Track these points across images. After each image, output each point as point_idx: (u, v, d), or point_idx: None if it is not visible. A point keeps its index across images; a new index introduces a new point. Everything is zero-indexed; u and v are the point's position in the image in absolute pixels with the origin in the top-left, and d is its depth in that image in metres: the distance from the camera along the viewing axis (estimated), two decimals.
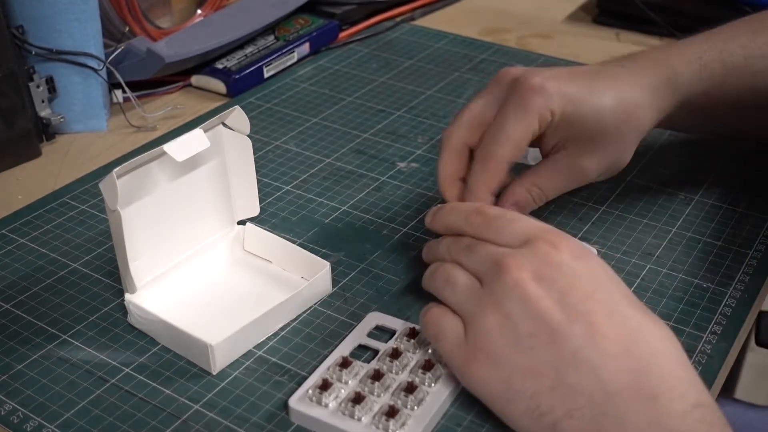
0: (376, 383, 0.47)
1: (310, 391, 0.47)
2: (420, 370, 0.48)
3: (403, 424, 0.45)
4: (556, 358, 0.43)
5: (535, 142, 0.56)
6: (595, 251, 0.59)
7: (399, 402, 0.46)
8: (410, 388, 0.47)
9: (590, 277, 0.45)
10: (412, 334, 0.51)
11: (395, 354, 0.49)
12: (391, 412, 0.45)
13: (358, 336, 0.52)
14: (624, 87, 0.55)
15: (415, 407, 0.46)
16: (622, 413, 0.41)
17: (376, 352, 0.51)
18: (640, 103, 0.55)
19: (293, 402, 0.47)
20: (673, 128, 0.68)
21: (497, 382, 0.44)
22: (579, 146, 0.55)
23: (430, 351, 0.50)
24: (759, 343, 0.92)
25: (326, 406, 0.46)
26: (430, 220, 0.53)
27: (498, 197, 0.56)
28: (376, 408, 0.46)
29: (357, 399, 0.46)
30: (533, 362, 0.43)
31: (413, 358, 0.50)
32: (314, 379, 0.48)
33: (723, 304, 0.56)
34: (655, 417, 0.41)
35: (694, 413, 0.41)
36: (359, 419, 0.45)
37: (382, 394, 0.47)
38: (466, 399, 0.49)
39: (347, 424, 0.45)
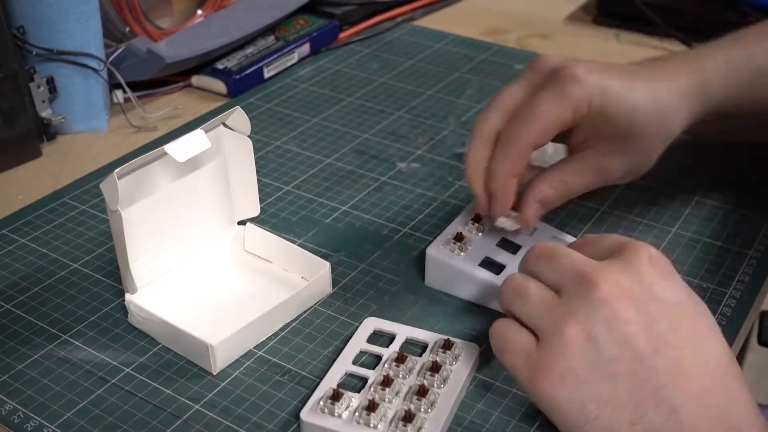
0: (387, 389, 0.47)
1: (321, 403, 0.46)
2: (428, 373, 0.48)
3: (420, 428, 0.45)
4: (638, 391, 0.41)
5: (563, 136, 0.55)
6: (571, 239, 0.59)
7: (412, 406, 0.46)
8: (422, 392, 0.47)
9: (679, 302, 0.43)
10: (413, 340, 0.52)
11: (401, 358, 0.49)
12: (408, 417, 0.45)
13: (358, 342, 0.52)
14: (661, 90, 0.54)
15: (429, 410, 0.46)
16: None
17: (378, 357, 0.51)
18: (673, 108, 0.55)
19: (305, 415, 0.46)
20: (698, 135, 0.64)
21: (571, 403, 0.42)
22: (608, 145, 0.54)
23: (435, 354, 0.50)
24: (760, 343, 0.92)
25: (339, 416, 0.46)
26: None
27: (519, 194, 0.55)
28: (390, 414, 0.46)
29: (371, 407, 0.46)
30: (614, 391, 0.41)
31: (419, 361, 0.50)
32: (324, 389, 0.48)
33: (723, 304, 0.56)
34: None
35: None
36: (375, 426, 0.45)
37: (393, 400, 0.47)
38: (467, 399, 0.49)
39: None
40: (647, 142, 0.55)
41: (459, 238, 0.56)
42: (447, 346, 0.49)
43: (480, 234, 0.57)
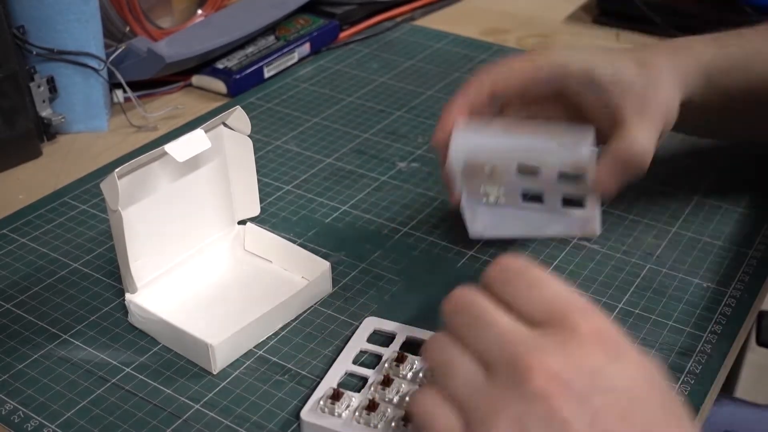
0: (387, 389, 0.47)
1: (321, 402, 0.47)
2: (429, 372, 0.48)
3: None
4: None
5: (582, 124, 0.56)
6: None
7: None
8: None
9: (628, 387, 0.37)
10: (413, 339, 0.52)
11: (401, 358, 0.49)
12: (408, 417, 0.45)
13: (358, 342, 0.52)
14: (631, 55, 0.57)
15: None
16: None
17: (378, 356, 0.51)
18: (657, 64, 0.57)
19: (305, 415, 0.46)
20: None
21: None
22: (626, 114, 0.55)
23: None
24: (759, 343, 0.92)
25: (339, 416, 0.46)
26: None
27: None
28: (390, 414, 0.46)
29: (371, 406, 0.46)
30: None
31: (418, 361, 0.50)
32: (324, 389, 0.48)
33: (723, 304, 0.56)
34: None
35: None
36: (375, 426, 0.45)
37: (394, 399, 0.47)
38: None
39: None
40: (641, 90, 0.56)
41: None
42: None
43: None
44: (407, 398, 0.47)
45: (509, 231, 0.58)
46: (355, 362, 0.50)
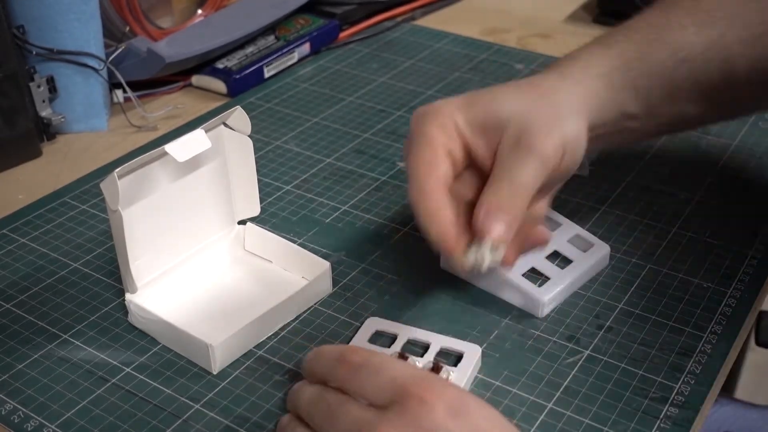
0: None
1: None
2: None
3: None
4: None
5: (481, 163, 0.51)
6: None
7: None
8: None
9: None
10: (414, 340, 0.52)
11: (403, 359, 0.49)
12: None
13: (360, 342, 0.52)
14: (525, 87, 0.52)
15: None
16: None
17: None
18: (553, 89, 0.51)
19: None
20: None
21: None
22: (512, 131, 0.49)
23: (435, 355, 0.50)
24: (759, 343, 0.92)
25: None
26: (303, 366, 0.47)
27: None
28: None
29: None
30: None
31: (420, 361, 0.50)
32: None
33: (723, 304, 0.56)
34: None
35: None
36: None
37: None
38: None
39: None
40: (539, 120, 0.49)
41: None
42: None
43: None
44: None
45: (475, 281, 0.57)
46: None
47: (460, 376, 0.49)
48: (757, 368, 1.19)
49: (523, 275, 0.56)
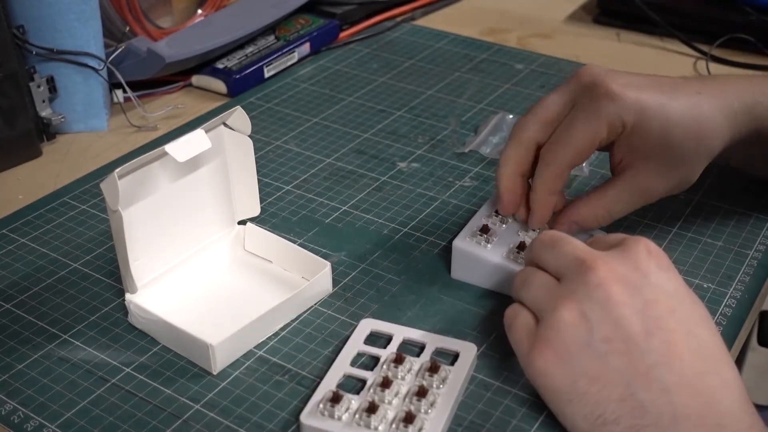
0: (386, 390, 0.47)
1: (321, 405, 0.46)
2: (427, 373, 0.48)
3: (420, 429, 0.45)
4: (630, 370, 0.42)
5: (604, 151, 0.56)
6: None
7: (412, 407, 0.46)
8: (421, 392, 0.47)
9: (675, 292, 0.44)
10: (409, 340, 0.52)
11: (399, 359, 0.49)
12: (408, 418, 0.45)
13: (355, 344, 0.52)
14: (703, 106, 0.54)
15: (429, 410, 0.46)
16: None
17: (375, 358, 0.51)
18: (714, 125, 0.54)
19: (305, 418, 0.46)
20: (747, 164, 0.64)
21: (561, 378, 0.44)
22: (648, 164, 0.54)
23: (431, 354, 0.50)
24: (760, 343, 0.92)
25: (339, 418, 0.46)
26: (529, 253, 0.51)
27: (557, 213, 0.57)
28: (390, 415, 0.46)
29: (371, 408, 0.46)
30: (605, 369, 0.42)
31: (416, 361, 0.50)
32: (323, 392, 0.47)
33: (723, 304, 0.56)
34: None
35: None
36: (375, 428, 0.45)
37: (393, 401, 0.47)
38: (467, 399, 0.49)
39: None
40: (686, 160, 0.54)
41: (485, 230, 0.57)
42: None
43: (504, 225, 0.58)
44: (407, 399, 0.47)
45: (486, 284, 0.57)
46: (352, 364, 0.50)
47: (458, 374, 0.49)
48: (758, 368, 1.19)
49: None
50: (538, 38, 0.95)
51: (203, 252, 0.58)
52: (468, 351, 0.51)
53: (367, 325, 0.53)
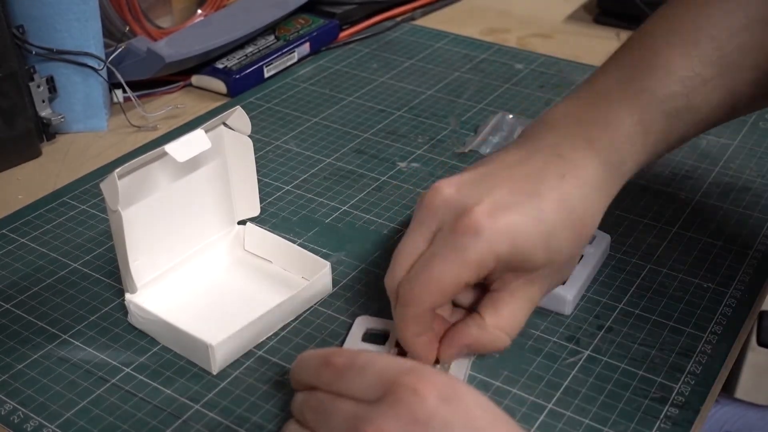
0: None
1: None
2: None
3: None
4: None
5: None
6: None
7: None
8: None
9: (465, 421, 0.39)
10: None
11: (402, 355, 0.49)
12: None
13: (354, 342, 0.52)
14: (572, 198, 0.47)
15: None
16: None
17: None
18: (590, 208, 0.48)
19: None
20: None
21: None
22: (535, 277, 0.47)
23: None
24: (760, 343, 0.92)
25: None
26: (290, 376, 0.47)
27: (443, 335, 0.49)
28: None
29: None
30: None
31: None
32: None
33: (723, 304, 0.56)
34: None
35: None
36: None
37: None
38: None
39: None
40: (570, 259, 0.49)
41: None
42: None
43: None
44: None
45: None
46: None
47: (459, 367, 0.49)
48: (758, 368, 1.19)
49: None
50: (538, 38, 0.95)
51: (203, 252, 0.58)
52: None
53: (363, 322, 0.53)
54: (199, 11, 0.92)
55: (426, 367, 0.41)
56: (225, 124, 0.56)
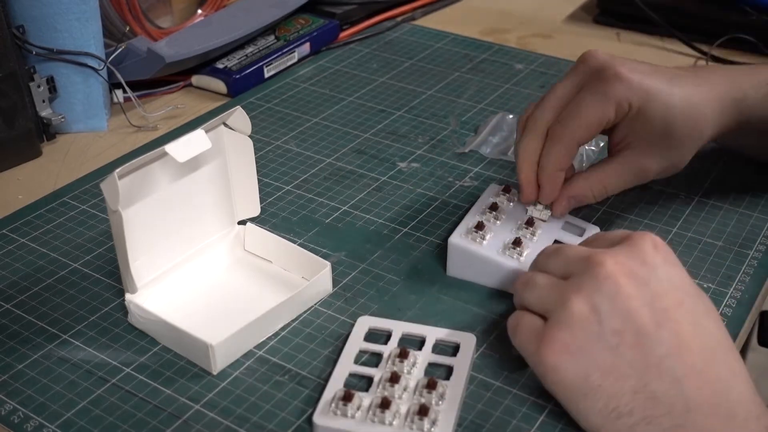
0: (396, 385, 0.47)
1: (333, 404, 0.46)
2: (432, 366, 0.49)
3: (435, 420, 0.45)
4: (641, 361, 0.42)
5: (605, 132, 0.58)
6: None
7: (424, 400, 0.47)
8: (431, 384, 0.47)
9: (681, 285, 0.45)
10: (409, 335, 0.52)
11: (404, 354, 0.49)
12: (423, 411, 0.45)
13: (356, 342, 0.52)
14: (696, 96, 0.57)
15: (440, 402, 0.47)
16: (700, 427, 0.41)
17: (377, 355, 0.51)
18: (706, 113, 0.57)
19: (317, 418, 0.46)
20: (734, 146, 0.69)
21: (574, 373, 0.44)
22: (645, 144, 0.57)
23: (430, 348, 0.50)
24: (761, 343, 0.92)
25: (353, 416, 0.46)
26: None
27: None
28: (403, 410, 0.46)
29: (384, 404, 0.46)
30: (617, 361, 0.43)
31: (420, 355, 0.50)
32: (332, 392, 0.47)
33: (723, 304, 0.56)
34: None
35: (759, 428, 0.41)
36: (390, 423, 0.45)
37: (403, 395, 0.47)
38: (467, 399, 0.49)
39: (381, 430, 0.45)
40: (681, 143, 0.57)
41: (479, 226, 0.57)
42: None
43: (498, 222, 0.58)
44: (416, 392, 0.47)
45: (486, 282, 0.57)
46: (356, 362, 0.50)
47: (461, 365, 0.49)
48: (758, 368, 1.19)
49: None
50: (538, 38, 0.95)
51: (203, 252, 0.58)
52: (468, 342, 0.51)
53: (365, 322, 0.53)
54: (199, 11, 0.92)
55: (655, 235, 0.47)
56: (225, 124, 0.56)
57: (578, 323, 0.44)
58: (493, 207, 0.59)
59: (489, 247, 0.56)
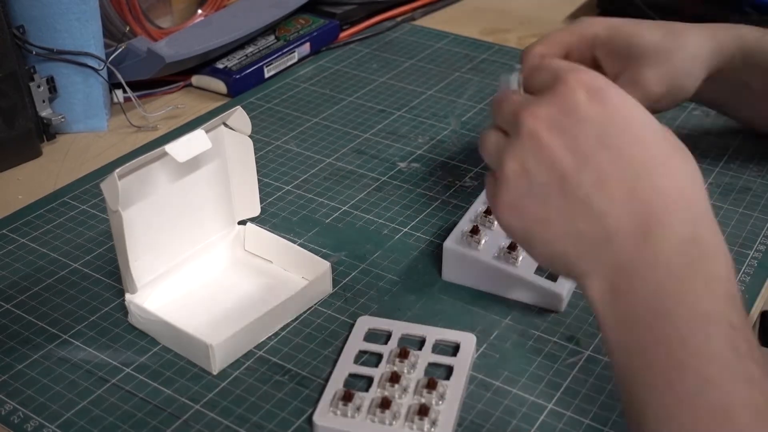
0: (396, 385, 0.47)
1: (333, 405, 0.47)
2: (432, 366, 0.49)
3: (435, 420, 0.46)
4: (567, 205, 0.43)
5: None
6: None
7: (424, 399, 0.47)
8: (432, 384, 0.47)
9: (604, 120, 0.44)
10: (409, 336, 0.52)
11: (404, 353, 0.49)
12: (423, 410, 0.46)
13: (355, 342, 0.52)
14: (669, 24, 0.66)
15: (440, 402, 0.47)
16: (617, 254, 0.42)
17: (377, 355, 0.51)
18: (688, 29, 0.65)
19: (318, 418, 0.46)
20: (714, 100, 0.73)
21: (518, 227, 0.45)
22: (637, 63, 0.63)
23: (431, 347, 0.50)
24: (762, 344, 0.92)
25: (353, 416, 0.46)
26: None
27: None
28: (403, 409, 0.46)
29: (384, 404, 0.46)
30: (547, 210, 0.44)
31: (420, 354, 0.50)
32: (332, 392, 0.48)
33: None
34: (643, 256, 0.41)
35: (683, 248, 0.41)
36: (391, 423, 0.45)
37: (403, 395, 0.47)
38: (467, 399, 0.49)
39: (381, 430, 0.45)
40: (668, 56, 0.64)
41: (474, 231, 0.57)
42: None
43: (493, 227, 0.58)
44: (416, 392, 0.47)
45: (481, 285, 0.57)
46: (355, 362, 0.50)
47: (462, 365, 0.49)
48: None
49: (534, 273, 0.56)
50: (537, 38, 0.95)
51: (203, 252, 0.58)
52: (468, 342, 0.51)
53: (365, 322, 0.53)
54: (199, 11, 0.92)
55: (588, 70, 0.46)
56: (225, 124, 0.56)
57: (513, 182, 0.45)
58: (488, 211, 0.59)
59: (484, 251, 0.56)
